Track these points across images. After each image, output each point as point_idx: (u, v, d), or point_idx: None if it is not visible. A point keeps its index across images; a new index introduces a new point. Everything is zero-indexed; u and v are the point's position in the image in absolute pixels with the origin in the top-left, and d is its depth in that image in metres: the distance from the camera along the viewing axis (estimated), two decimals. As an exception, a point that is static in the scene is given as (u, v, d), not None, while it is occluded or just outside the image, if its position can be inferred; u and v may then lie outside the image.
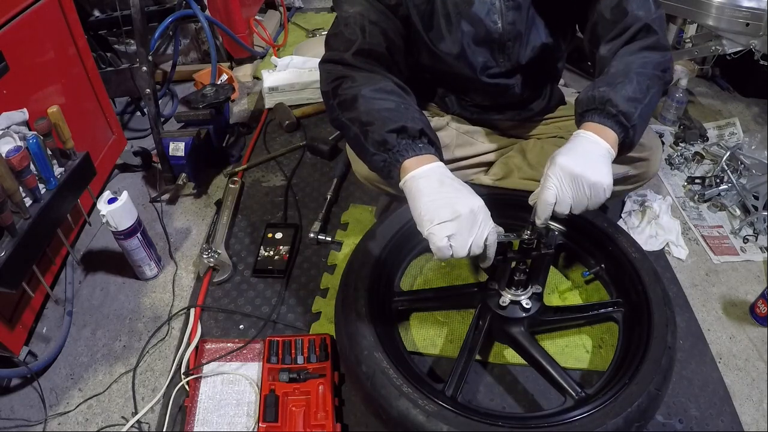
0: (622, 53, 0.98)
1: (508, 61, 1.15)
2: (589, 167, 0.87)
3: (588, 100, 0.93)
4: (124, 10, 1.89)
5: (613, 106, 0.90)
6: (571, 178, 0.86)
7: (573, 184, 0.87)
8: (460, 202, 0.85)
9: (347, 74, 1.01)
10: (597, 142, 0.90)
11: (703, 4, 1.73)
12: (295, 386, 1.13)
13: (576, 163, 0.87)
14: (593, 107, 0.92)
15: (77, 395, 1.20)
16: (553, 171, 0.88)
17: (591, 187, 0.87)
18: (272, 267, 1.45)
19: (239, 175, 1.79)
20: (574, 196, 0.87)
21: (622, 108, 0.90)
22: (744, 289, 1.42)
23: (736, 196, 1.65)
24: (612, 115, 0.90)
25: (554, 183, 0.87)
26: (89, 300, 1.41)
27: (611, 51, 0.99)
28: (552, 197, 0.88)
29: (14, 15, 1.26)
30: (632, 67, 0.94)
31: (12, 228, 1.05)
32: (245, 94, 2.31)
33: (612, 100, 0.90)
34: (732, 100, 2.20)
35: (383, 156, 0.92)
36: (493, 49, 1.13)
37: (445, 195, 0.86)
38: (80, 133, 1.41)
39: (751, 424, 1.13)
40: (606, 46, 1.00)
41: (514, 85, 1.20)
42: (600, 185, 0.87)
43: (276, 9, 2.89)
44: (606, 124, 0.91)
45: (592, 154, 0.89)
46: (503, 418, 0.98)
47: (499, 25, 1.08)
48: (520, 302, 1.13)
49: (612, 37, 1.00)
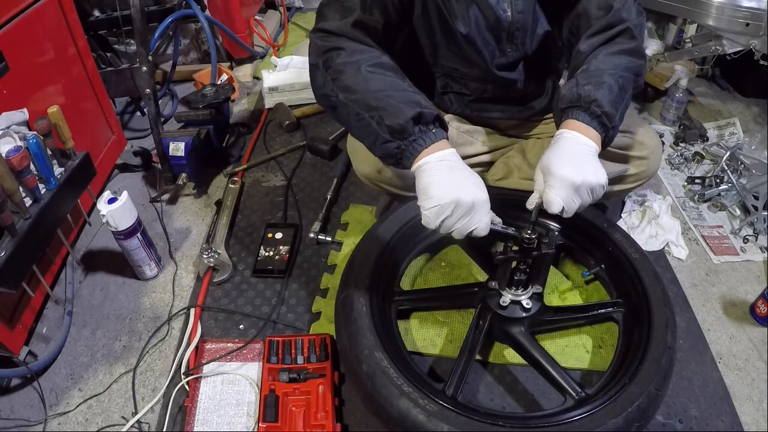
0: (601, 51, 0.99)
1: (515, 51, 1.15)
2: (588, 172, 0.89)
3: (573, 97, 0.94)
4: (124, 10, 1.89)
5: (599, 106, 0.92)
6: (574, 188, 0.89)
7: (577, 193, 0.89)
8: (466, 191, 0.87)
9: (342, 45, 0.96)
10: (586, 143, 0.92)
11: (703, 4, 1.73)
12: (295, 386, 1.13)
13: (576, 171, 0.89)
14: (577, 105, 0.94)
15: (77, 395, 1.20)
16: (555, 183, 0.89)
17: (593, 190, 0.90)
18: (272, 267, 1.45)
19: (239, 175, 1.79)
20: (581, 202, 0.90)
21: (607, 109, 0.92)
22: (744, 289, 1.42)
23: (736, 196, 1.65)
24: (597, 116, 0.93)
25: (559, 195, 0.89)
26: (89, 300, 1.41)
27: (591, 47, 1.01)
28: (558, 208, 0.90)
29: (14, 15, 1.26)
30: (613, 69, 0.96)
31: (12, 228, 1.05)
32: (245, 94, 2.31)
33: (598, 100, 0.92)
34: (732, 100, 2.20)
35: (397, 143, 0.90)
36: (501, 39, 1.12)
37: (454, 181, 0.88)
38: (80, 133, 1.42)
39: (751, 424, 1.13)
40: (586, 42, 1.02)
41: (517, 80, 1.20)
42: (599, 185, 0.90)
43: (276, 9, 2.89)
44: (591, 124, 0.93)
45: (584, 156, 0.91)
46: (503, 417, 0.98)
47: (508, 14, 1.09)
48: (521, 302, 1.13)
49: (593, 33, 1.01)
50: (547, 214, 0.94)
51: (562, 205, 0.89)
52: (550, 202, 0.90)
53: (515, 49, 1.14)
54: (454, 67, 1.20)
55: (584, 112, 0.93)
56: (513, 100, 1.27)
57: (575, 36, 1.07)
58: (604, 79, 0.94)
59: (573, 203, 0.90)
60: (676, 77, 1.99)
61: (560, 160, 0.90)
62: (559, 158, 0.90)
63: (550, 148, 0.94)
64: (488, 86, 1.22)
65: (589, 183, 0.89)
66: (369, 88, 0.93)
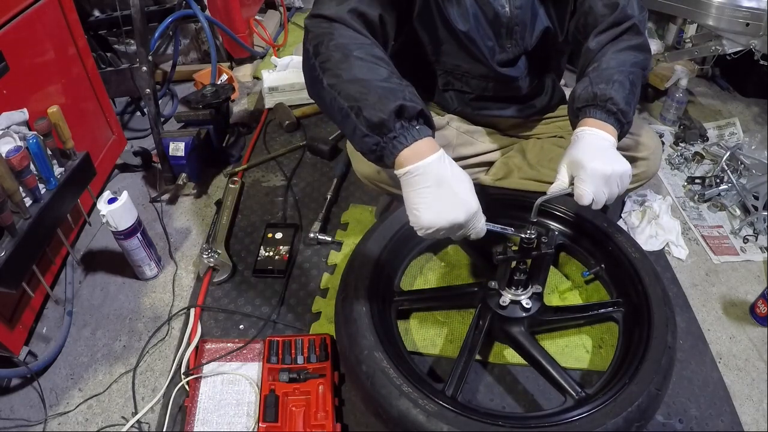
0: (609, 49, 1.03)
1: (515, 47, 1.16)
2: (614, 163, 0.92)
3: (589, 96, 0.97)
4: (124, 10, 1.89)
5: (614, 104, 0.95)
6: (605, 180, 0.91)
7: (607, 184, 0.92)
8: (457, 209, 0.82)
9: (334, 31, 0.92)
10: (606, 138, 0.95)
11: (703, 4, 1.73)
12: (295, 386, 1.13)
13: (605, 164, 0.91)
14: (593, 104, 0.97)
15: (77, 395, 1.20)
16: (586, 177, 0.91)
17: (621, 179, 0.93)
18: (272, 267, 1.45)
19: (239, 175, 1.79)
20: (609, 192, 0.93)
21: (622, 107, 0.96)
22: (744, 289, 1.42)
23: (736, 196, 1.65)
24: (613, 113, 0.96)
25: (590, 188, 0.91)
26: (89, 300, 1.41)
27: (599, 44, 1.05)
28: (589, 200, 0.91)
29: (14, 15, 1.26)
30: (624, 66, 1.00)
31: (12, 228, 1.05)
32: (245, 94, 2.31)
33: (613, 98, 0.95)
34: (732, 100, 2.20)
35: (376, 139, 0.84)
36: (500, 34, 1.13)
37: (444, 201, 0.83)
38: (80, 133, 1.42)
39: (751, 424, 1.13)
40: (595, 39, 1.05)
41: (518, 77, 1.20)
42: (626, 174, 0.93)
43: (276, 9, 2.89)
44: (608, 121, 0.96)
45: (608, 149, 0.94)
46: (503, 417, 0.98)
47: (506, 9, 1.10)
48: (521, 302, 1.13)
49: (601, 30, 1.05)
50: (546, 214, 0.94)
51: (592, 197, 0.91)
52: (581, 195, 0.92)
53: (515, 44, 1.15)
54: (456, 64, 1.20)
55: (601, 111, 0.96)
56: (514, 99, 1.27)
57: (582, 33, 1.10)
58: (617, 77, 0.97)
59: (603, 195, 0.92)
60: (676, 77, 1.99)
61: (589, 155, 0.92)
62: (586, 153, 0.93)
63: (574, 145, 0.96)
64: (489, 84, 1.22)
65: (618, 173, 0.91)
66: (354, 76, 0.87)
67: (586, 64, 1.05)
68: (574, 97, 1.01)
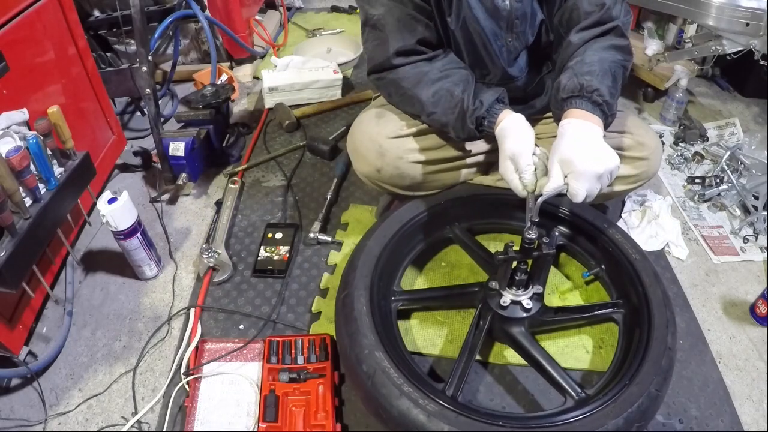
0: (592, 45, 1.05)
1: (516, 41, 1.17)
2: (606, 159, 0.94)
3: (575, 87, 1.00)
4: (124, 10, 1.89)
5: (600, 95, 0.98)
6: (596, 177, 0.93)
7: (599, 180, 0.94)
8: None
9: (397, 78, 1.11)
10: (592, 128, 0.97)
11: (703, 4, 1.73)
12: (295, 386, 1.13)
13: (597, 162, 0.93)
14: (579, 94, 0.99)
15: (77, 395, 1.20)
16: (578, 176, 0.93)
17: (611, 173, 0.96)
18: (272, 267, 1.45)
19: (239, 175, 1.79)
20: (601, 187, 0.95)
21: (608, 99, 0.98)
22: (744, 289, 1.42)
23: (736, 196, 1.65)
24: (598, 104, 0.99)
25: (584, 186, 0.93)
26: (89, 300, 1.41)
27: (582, 39, 1.07)
28: (582, 198, 0.94)
29: (14, 15, 1.26)
30: (606, 62, 1.02)
31: (12, 228, 1.05)
32: (245, 94, 2.31)
33: (599, 89, 0.98)
34: (732, 100, 2.20)
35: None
36: (501, 28, 1.14)
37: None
38: (80, 133, 1.42)
39: (751, 424, 1.13)
40: (578, 34, 1.07)
41: (518, 76, 1.21)
42: (616, 167, 0.96)
43: (276, 9, 2.89)
44: (594, 111, 0.99)
45: (597, 141, 0.96)
46: (504, 418, 0.98)
47: (506, 2, 1.11)
48: (521, 302, 1.13)
49: (585, 27, 1.07)
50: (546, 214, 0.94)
51: (585, 194, 0.93)
52: (575, 193, 0.94)
53: (516, 38, 1.16)
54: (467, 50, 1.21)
55: (587, 101, 0.98)
56: (514, 99, 1.27)
57: (564, 27, 1.12)
58: (601, 70, 1.00)
59: (595, 190, 0.95)
60: (676, 77, 1.99)
61: (580, 153, 0.94)
62: (577, 150, 0.94)
63: (563, 138, 0.97)
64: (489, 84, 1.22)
65: (608, 167, 0.94)
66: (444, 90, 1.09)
67: (566, 57, 1.07)
68: (559, 87, 1.02)
